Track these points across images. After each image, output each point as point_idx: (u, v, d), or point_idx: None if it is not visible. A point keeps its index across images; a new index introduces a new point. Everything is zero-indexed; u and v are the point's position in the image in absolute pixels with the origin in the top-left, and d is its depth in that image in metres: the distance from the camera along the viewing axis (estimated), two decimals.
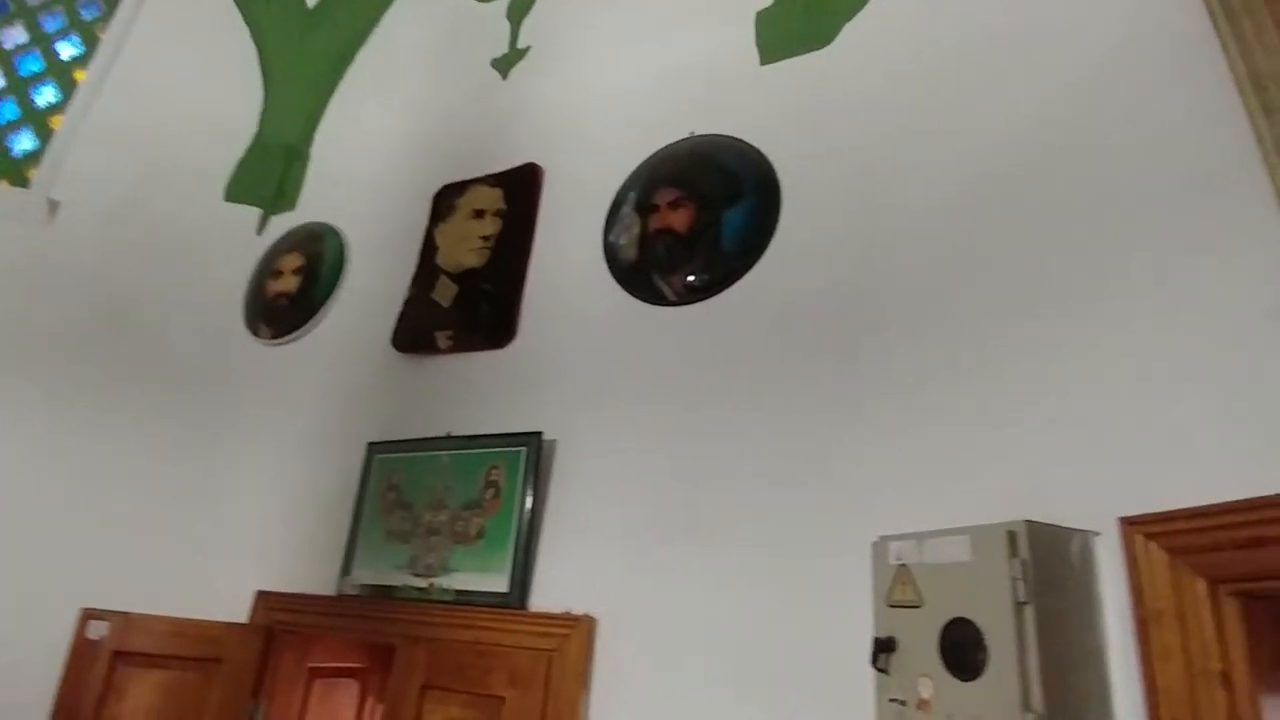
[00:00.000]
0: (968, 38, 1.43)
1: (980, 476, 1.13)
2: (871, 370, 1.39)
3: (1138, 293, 1.00)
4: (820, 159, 1.75)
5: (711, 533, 1.48)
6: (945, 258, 1.35)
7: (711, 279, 1.79)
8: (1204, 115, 0.97)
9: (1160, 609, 0.82)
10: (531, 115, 2.27)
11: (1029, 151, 1.25)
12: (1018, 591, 0.88)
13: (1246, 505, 0.78)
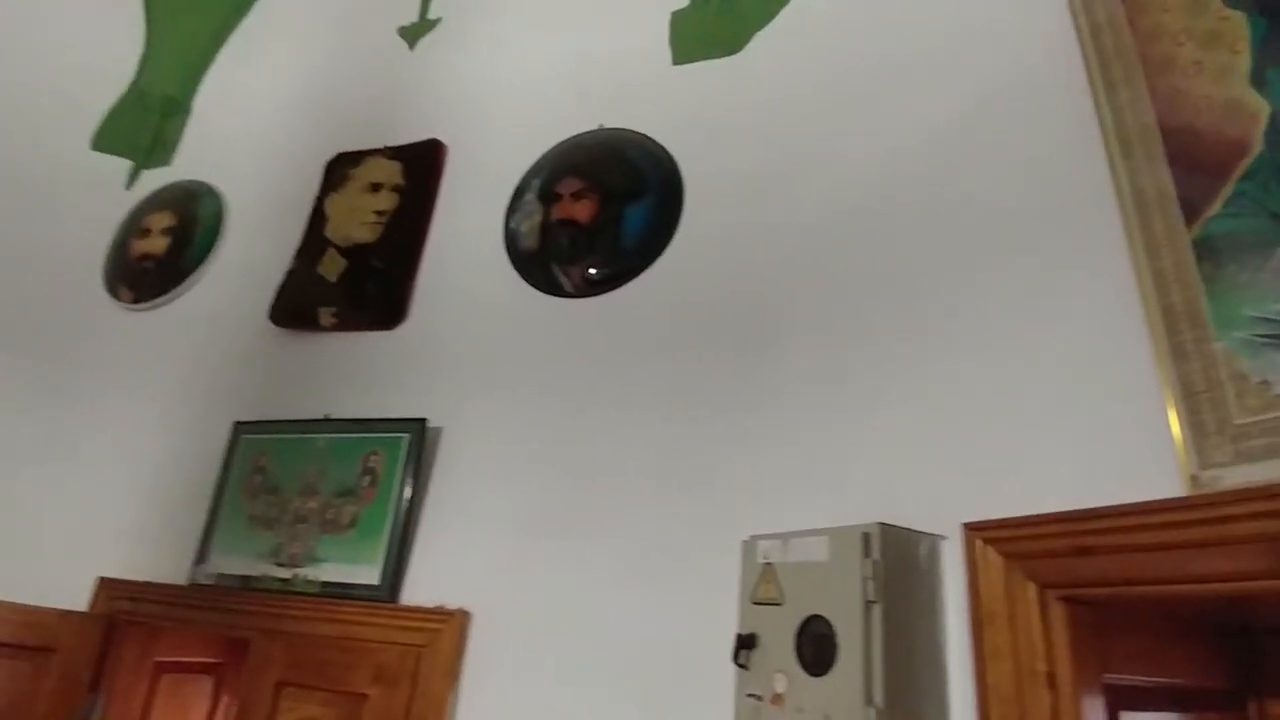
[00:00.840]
0: (864, 60, 1.48)
1: (845, 481, 1.17)
2: (755, 376, 1.41)
3: (992, 315, 1.06)
4: (723, 164, 1.76)
5: (592, 528, 1.47)
6: (827, 271, 1.39)
7: (611, 273, 1.78)
8: (1067, 152, 1.04)
9: (994, 611, 0.87)
10: (437, 90, 2.18)
11: (909, 174, 1.30)
12: (868, 591, 0.91)
13: (1075, 515, 0.83)
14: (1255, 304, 0.76)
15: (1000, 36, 1.21)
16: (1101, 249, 0.94)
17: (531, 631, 1.43)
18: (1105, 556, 0.80)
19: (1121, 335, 0.88)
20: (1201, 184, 0.83)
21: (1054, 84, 1.08)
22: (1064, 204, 1.01)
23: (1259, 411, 0.73)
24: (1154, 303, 0.85)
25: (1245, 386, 0.75)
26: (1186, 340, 0.81)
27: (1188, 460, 0.77)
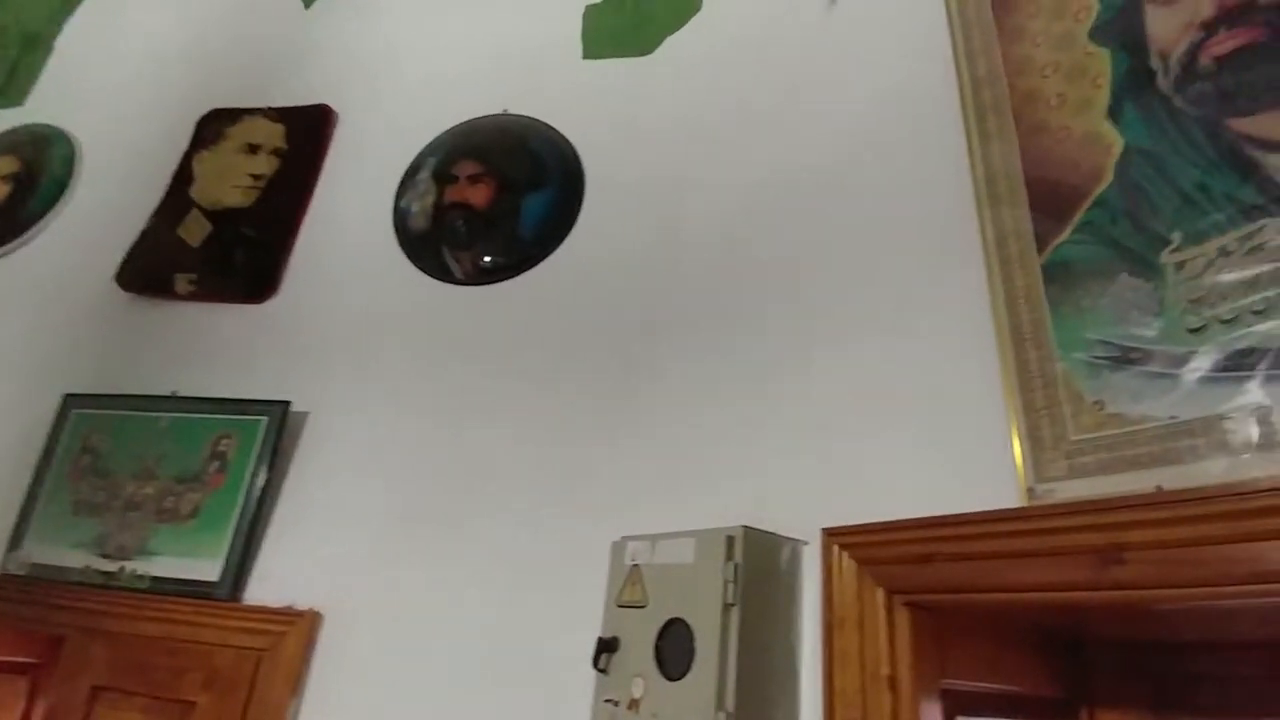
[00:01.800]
0: (765, 75, 1.50)
1: (717, 485, 1.16)
2: (636, 378, 1.40)
3: (856, 331, 1.08)
4: (625, 163, 1.74)
5: (462, 527, 1.40)
6: (710, 280, 1.39)
7: (506, 263, 1.72)
8: (936, 177, 1.07)
9: (845, 615, 0.88)
10: (332, 54, 2.06)
11: (794, 192, 1.32)
12: (728, 594, 0.90)
13: (921, 523, 0.85)
14: (1095, 328, 0.80)
15: (884, 64, 1.24)
16: (960, 270, 0.97)
17: (388, 634, 1.35)
18: (947, 564, 0.82)
19: (973, 354, 0.91)
20: (1055, 211, 0.88)
21: (929, 111, 1.12)
22: (929, 227, 1.05)
23: (1092, 430, 0.77)
24: (1004, 323, 0.88)
25: (1081, 406, 0.79)
26: (1031, 360, 0.85)
27: (1026, 474, 0.81)
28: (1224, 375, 0.69)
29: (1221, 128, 0.75)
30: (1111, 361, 0.78)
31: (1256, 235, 0.70)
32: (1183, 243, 0.76)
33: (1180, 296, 0.74)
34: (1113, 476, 0.74)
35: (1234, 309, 0.70)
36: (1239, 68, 0.75)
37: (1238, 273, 0.70)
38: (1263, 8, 0.74)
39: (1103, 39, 0.90)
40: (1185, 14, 0.81)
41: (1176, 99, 0.80)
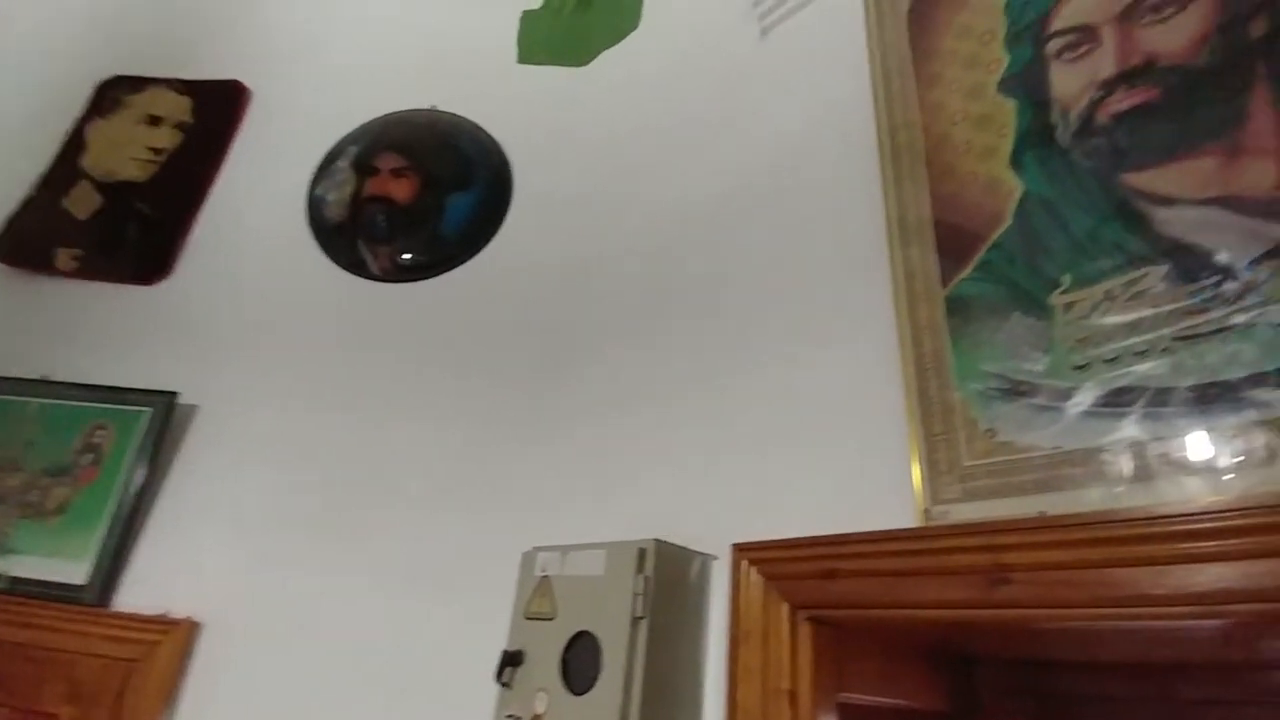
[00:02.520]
0: (697, 95, 1.53)
1: (631, 497, 1.16)
2: (554, 389, 1.38)
3: (770, 354, 1.11)
4: (554, 173, 1.73)
5: (364, 532, 1.34)
6: (632, 296, 1.40)
7: (426, 261, 1.67)
8: (850, 209, 1.11)
9: (750, 629, 0.89)
10: (251, 29, 1.95)
11: (722, 212, 1.34)
12: (637, 607, 0.90)
13: (825, 540, 0.88)
14: (990, 361, 0.85)
15: (809, 98, 1.29)
16: (870, 300, 1.01)
17: (275, 646, 1.27)
18: (848, 580, 0.85)
19: (879, 381, 0.95)
20: (958, 250, 0.93)
21: (849, 146, 1.16)
22: (844, 256, 1.08)
23: (984, 456, 0.82)
24: (909, 353, 0.93)
25: (975, 433, 0.84)
26: (932, 389, 0.89)
27: (923, 496, 0.85)
28: (1104, 410, 0.75)
29: (1114, 181, 0.82)
30: (1003, 393, 0.83)
31: (1140, 282, 0.76)
32: (1072, 286, 0.82)
33: (1068, 336, 0.80)
34: (1002, 501, 0.79)
35: (1116, 350, 0.76)
36: (1133, 125, 0.82)
37: (1121, 316, 0.77)
38: (1158, 71, 0.82)
39: (1010, 91, 0.96)
40: (1087, 73, 0.88)
41: (1074, 152, 0.87)
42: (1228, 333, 0.69)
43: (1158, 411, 0.72)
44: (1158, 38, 0.83)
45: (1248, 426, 0.65)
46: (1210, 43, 0.79)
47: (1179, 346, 0.72)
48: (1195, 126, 0.77)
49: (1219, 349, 0.69)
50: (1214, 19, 0.79)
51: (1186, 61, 0.80)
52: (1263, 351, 0.66)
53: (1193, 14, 0.81)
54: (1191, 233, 0.74)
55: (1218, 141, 0.75)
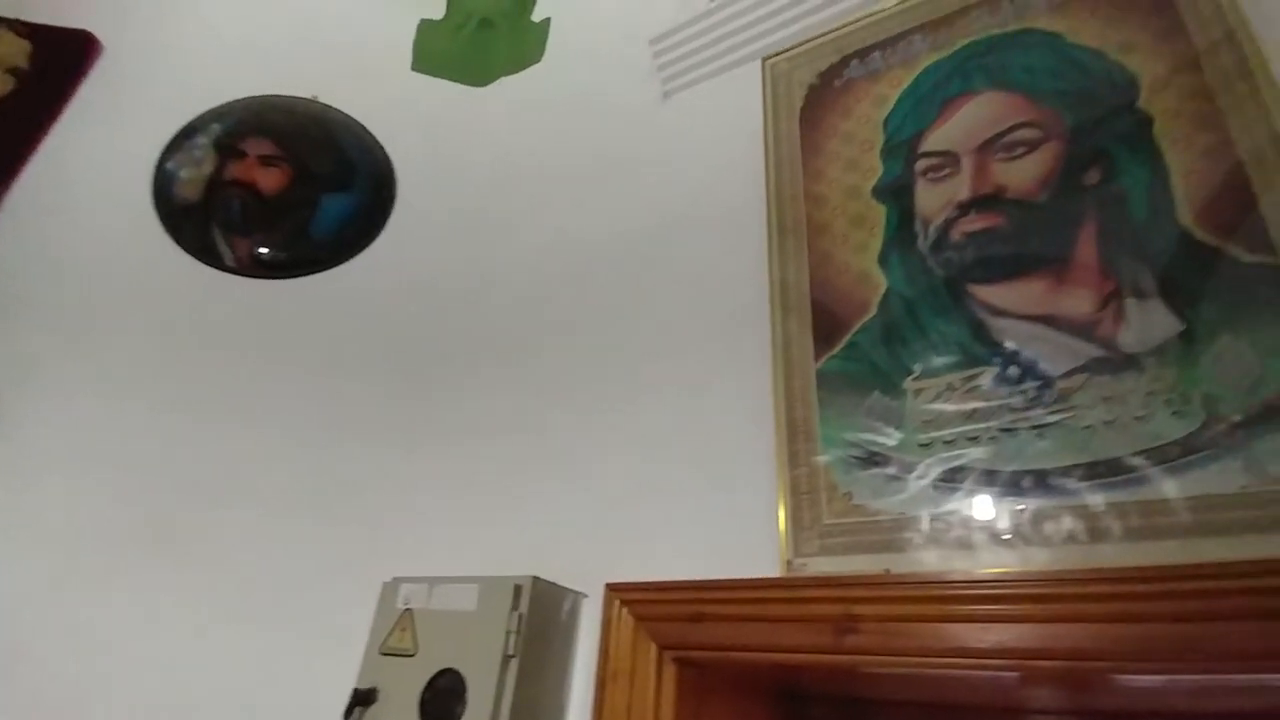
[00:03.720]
0: (596, 138, 1.58)
1: (504, 531, 1.16)
2: (427, 414, 1.35)
3: (657, 402, 1.15)
4: (442, 191, 1.71)
5: (195, 551, 1.21)
6: (518, 324, 1.41)
7: (288, 259, 1.57)
8: (744, 282, 1.18)
9: (619, 669, 0.92)
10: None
11: (614, 256, 1.38)
12: (509, 644, 0.90)
13: (696, 585, 0.94)
14: (851, 431, 0.96)
15: (707, 161, 1.38)
16: (751, 363, 1.09)
17: (81, 679, 1.10)
18: (714, 623, 0.90)
19: (753, 438, 1.03)
20: (830, 329, 1.05)
21: (742, 213, 1.26)
22: (730, 316, 1.17)
23: (841, 515, 0.92)
24: (782, 417, 1.02)
25: (834, 494, 0.94)
26: (800, 451, 0.99)
27: (786, 548, 0.93)
28: (941, 484, 0.87)
29: (961, 290, 0.97)
30: (861, 461, 0.94)
31: (976, 379, 0.91)
32: (922, 374, 0.95)
33: (916, 417, 0.93)
34: (853, 557, 0.89)
35: (953, 434, 0.89)
36: (981, 245, 0.98)
37: (959, 406, 0.90)
38: (1005, 201, 0.98)
39: (882, 197, 1.10)
40: (947, 193, 1.04)
41: (931, 259, 1.01)
42: (1042, 429, 0.84)
43: (984, 490, 0.85)
44: (1008, 173, 1.00)
45: (1053, 509, 0.80)
46: (1051, 184, 0.96)
47: (1003, 437, 0.86)
48: (1031, 253, 0.94)
49: (1035, 443, 0.84)
50: (1056, 164, 0.97)
51: (1030, 197, 0.97)
52: (1069, 448, 0.82)
53: (1039, 157, 0.99)
54: (1020, 342, 0.90)
55: (1048, 269, 0.92)
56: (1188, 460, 0.76)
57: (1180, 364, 0.80)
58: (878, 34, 1.25)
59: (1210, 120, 0.90)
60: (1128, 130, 0.95)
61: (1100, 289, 0.88)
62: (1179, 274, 0.84)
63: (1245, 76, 0.90)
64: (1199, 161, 0.88)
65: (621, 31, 1.65)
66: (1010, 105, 1.06)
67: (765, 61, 1.35)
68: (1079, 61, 1.04)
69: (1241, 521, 0.71)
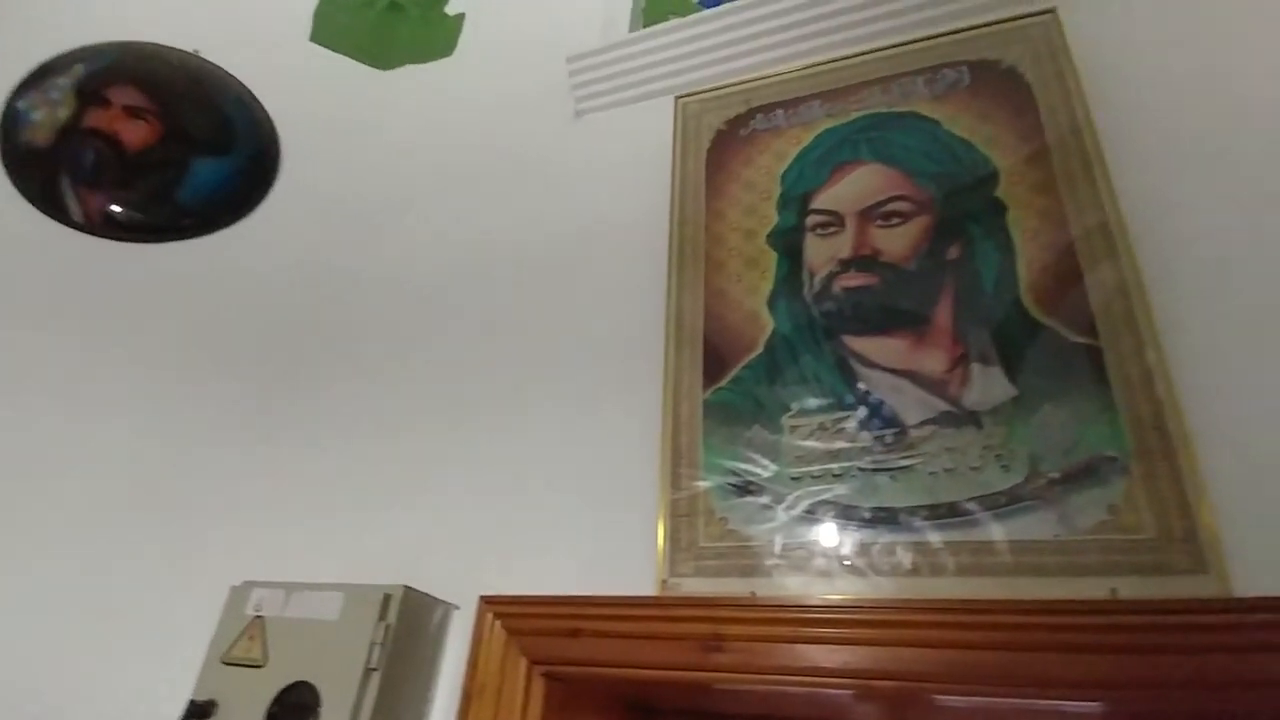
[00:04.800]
0: (505, 142, 1.57)
1: (368, 536, 1.11)
2: (300, 409, 1.27)
3: (546, 418, 1.16)
4: (331, 169, 1.63)
5: (9, 544, 1.06)
6: (406, 321, 1.37)
7: (145, 222, 1.43)
8: (643, 307, 1.21)
9: (486, 684, 0.91)
10: None
11: (515, 265, 1.38)
12: (373, 656, 0.86)
13: (573, 600, 0.95)
14: (732, 460, 1.02)
15: (615, 183, 1.41)
16: (643, 386, 1.13)
17: None
18: (588, 639, 0.92)
19: (639, 460, 1.07)
20: (720, 361, 1.11)
21: (646, 238, 1.30)
22: (627, 338, 1.20)
23: (716, 539, 0.97)
24: (668, 441, 1.06)
25: (711, 519, 0.99)
26: (683, 475, 1.03)
27: (663, 567, 0.97)
28: (808, 516, 0.95)
29: (838, 339, 1.06)
30: (737, 489, 1.00)
31: (843, 422, 0.99)
32: (797, 413, 1.03)
33: (790, 452, 1.00)
34: (725, 579, 0.94)
35: (821, 470, 0.97)
36: (856, 300, 1.08)
37: (827, 445, 0.99)
38: (880, 264, 1.09)
39: (774, 244, 1.19)
40: (832, 249, 1.13)
41: (813, 308, 1.10)
42: (896, 472, 0.94)
43: (843, 523, 0.93)
44: (884, 238, 1.11)
45: (900, 545, 0.89)
46: (919, 253, 1.08)
47: (863, 476, 0.95)
48: (898, 313, 1.04)
49: (888, 484, 0.93)
50: (924, 237, 1.09)
51: (901, 262, 1.08)
52: (916, 491, 0.92)
53: (911, 228, 1.11)
54: (883, 392, 1.00)
55: (911, 329, 1.02)
56: (1011, 508, 0.88)
57: (1011, 424, 0.93)
58: (783, 93, 1.34)
59: (1052, 214, 1.05)
60: (986, 215, 1.09)
61: (952, 352, 1.00)
62: (1016, 346, 0.97)
63: (1085, 168, 1.05)
64: (1040, 250, 1.03)
65: (539, 43, 1.66)
66: (890, 179, 1.18)
67: (678, 100, 1.41)
68: (951, 148, 1.17)
69: (1053, 564, 0.83)
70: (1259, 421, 0.82)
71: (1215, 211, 0.95)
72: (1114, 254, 0.98)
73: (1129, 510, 0.84)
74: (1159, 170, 1.01)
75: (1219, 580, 0.76)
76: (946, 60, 1.26)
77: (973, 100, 1.20)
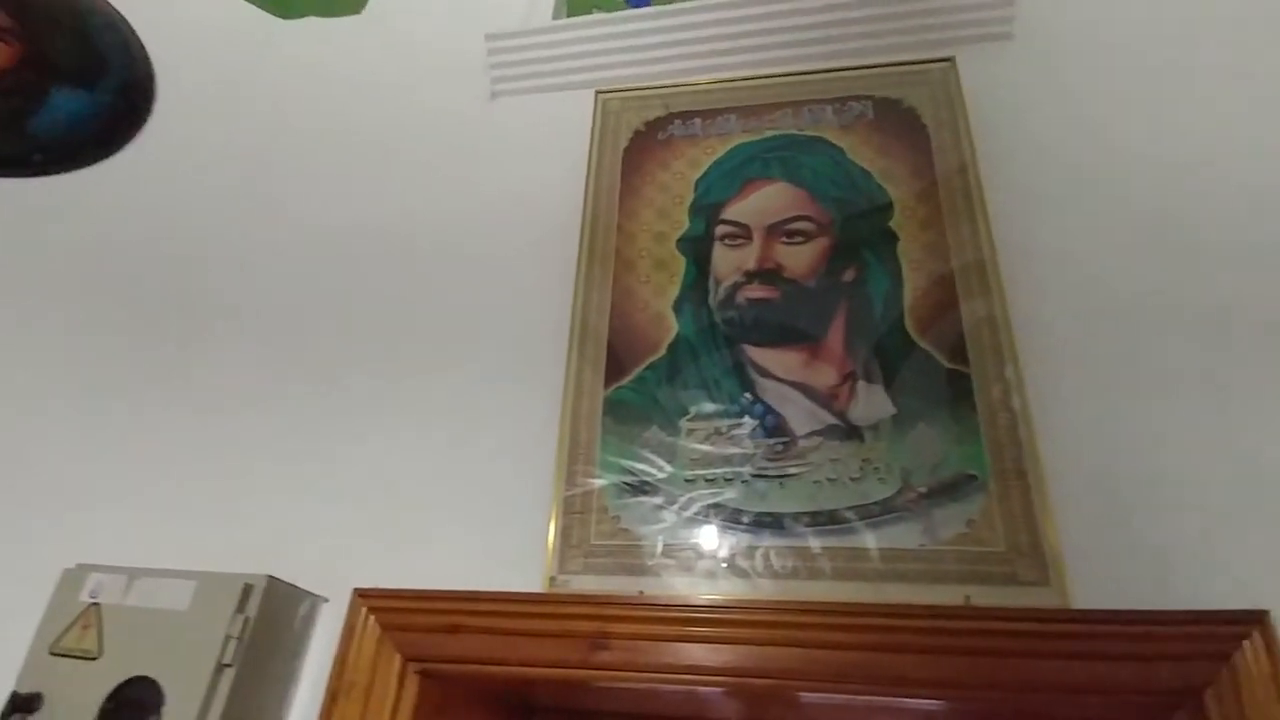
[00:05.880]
0: (404, 119, 1.49)
1: (237, 523, 1.03)
2: (156, 376, 1.16)
3: (437, 407, 1.12)
4: (213, 118, 1.50)
5: None
6: (293, 289, 1.29)
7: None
8: (549, 301, 1.18)
9: (354, 681, 0.86)
10: None
11: (415, 245, 1.31)
12: (227, 651, 0.79)
13: (455, 595, 0.92)
14: (629, 459, 1.02)
15: (529, 171, 1.37)
16: (543, 380, 1.11)
17: None
18: (469, 636, 0.89)
19: (535, 454, 1.05)
20: (623, 360, 1.11)
21: (557, 231, 1.27)
22: (529, 331, 1.17)
23: (607, 537, 0.97)
24: (566, 437, 1.05)
25: (604, 517, 0.99)
26: (579, 471, 1.02)
27: (552, 564, 0.96)
28: (698, 518, 0.97)
29: (737, 347, 1.09)
30: (632, 488, 1.01)
31: (737, 428, 1.02)
32: (695, 417, 1.05)
33: (686, 454, 1.02)
34: (614, 577, 0.94)
35: (714, 474, 0.99)
36: (758, 312, 1.11)
37: (722, 449, 1.01)
38: (782, 279, 1.13)
39: (684, 250, 1.20)
40: (738, 260, 1.16)
41: (717, 315, 1.12)
42: (784, 480, 0.98)
43: (731, 527, 0.96)
44: (787, 255, 1.16)
45: (783, 549, 0.93)
46: (819, 273, 1.13)
47: (753, 482, 0.98)
48: (795, 328, 1.09)
49: (777, 490, 0.97)
50: (824, 257, 1.14)
51: (801, 279, 1.13)
52: (801, 498, 0.96)
53: (812, 248, 1.15)
54: (777, 402, 1.04)
55: (806, 344, 1.07)
56: (884, 518, 0.94)
57: (889, 440, 0.99)
58: (702, 103, 1.37)
59: (936, 248, 1.13)
60: (879, 242, 1.15)
61: (842, 369, 1.05)
62: (898, 368, 1.04)
63: (967, 208, 1.14)
64: (924, 280, 1.10)
65: (458, 14, 1.60)
66: (796, 198, 1.22)
67: (599, 95, 1.40)
68: (853, 176, 1.24)
69: (916, 572, 0.89)
70: (1100, 453, 0.92)
71: (1081, 260, 1.06)
72: (986, 291, 1.07)
73: (985, 525, 0.91)
74: (1033, 217, 1.12)
75: (1058, 592, 0.85)
76: (854, 93, 1.33)
77: (875, 133, 1.27)
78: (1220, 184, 1.08)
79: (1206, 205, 1.07)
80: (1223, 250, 1.03)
